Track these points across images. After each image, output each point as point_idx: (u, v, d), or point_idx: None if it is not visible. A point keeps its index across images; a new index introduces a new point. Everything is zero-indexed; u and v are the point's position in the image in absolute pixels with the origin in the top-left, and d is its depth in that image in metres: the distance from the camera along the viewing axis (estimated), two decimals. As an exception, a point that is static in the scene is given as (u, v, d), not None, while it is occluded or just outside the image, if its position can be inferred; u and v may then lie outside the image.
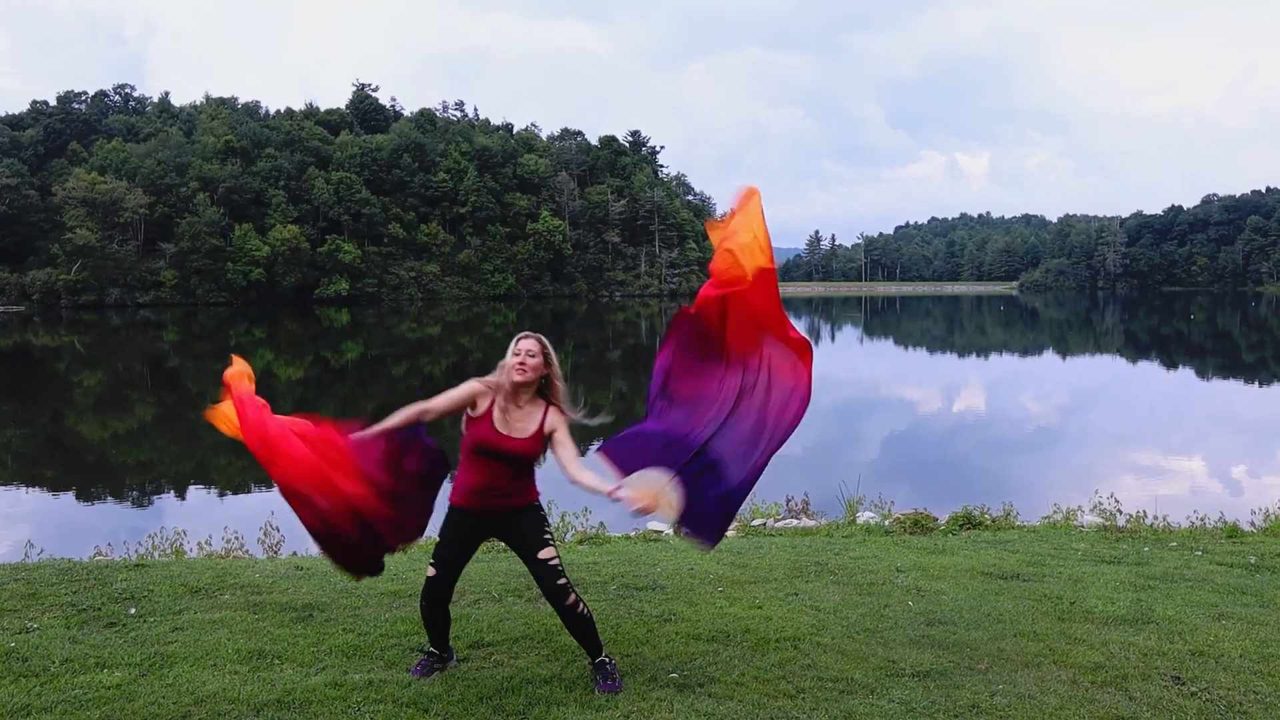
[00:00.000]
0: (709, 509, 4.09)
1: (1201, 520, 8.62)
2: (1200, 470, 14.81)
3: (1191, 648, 4.71)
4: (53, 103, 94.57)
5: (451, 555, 4.21)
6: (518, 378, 4.07)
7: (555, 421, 4.17)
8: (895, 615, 5.24)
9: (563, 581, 4.12)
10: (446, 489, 4.35)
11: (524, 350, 4.09)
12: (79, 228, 73.84)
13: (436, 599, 4.22)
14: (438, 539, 4.25)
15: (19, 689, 4.07)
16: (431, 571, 4.20)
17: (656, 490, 4.01)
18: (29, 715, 3.82)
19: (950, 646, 4.73)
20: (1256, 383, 28.83)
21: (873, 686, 4.20)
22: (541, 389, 4.19)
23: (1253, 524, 8.56)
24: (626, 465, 4.10)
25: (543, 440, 4.14)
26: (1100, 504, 9.02)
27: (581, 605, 4.16)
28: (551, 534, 4.23)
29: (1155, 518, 8.68)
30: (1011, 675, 4.35)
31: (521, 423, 4.11)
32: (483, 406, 4.11)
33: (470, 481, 4.14)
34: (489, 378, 4.17)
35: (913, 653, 4.63)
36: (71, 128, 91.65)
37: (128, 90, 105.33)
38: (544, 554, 4.12)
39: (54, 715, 3.82)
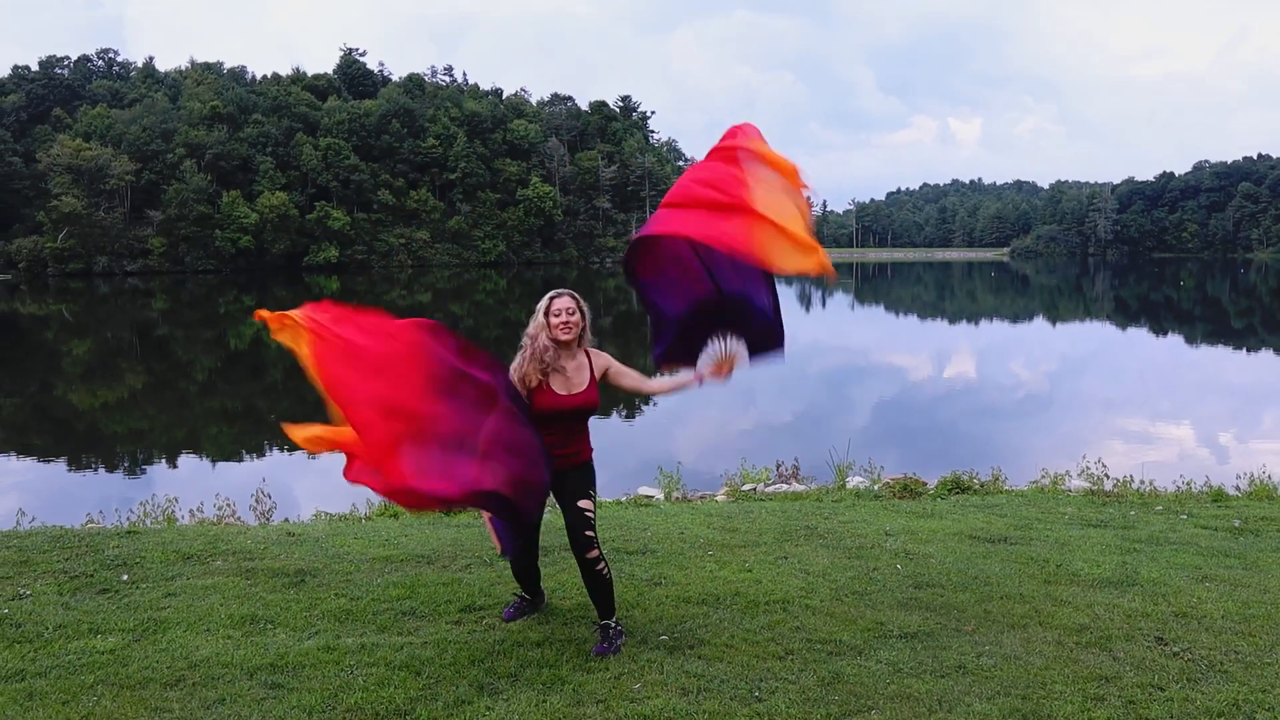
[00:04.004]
0: (761, 321, 4.29)
1: (1187, 485, 8.69)
2: (1187, 436, 14.92)
3: (1175, 609, 4.77)
4: (35, 68, 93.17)
5: None
6: (564, 336, 4.28)
7: (602, 362, 4.44)
8: (884, 578, 5.29)
9: (590, 533, 4.24)
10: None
11: (564, 310, 4.31)
12: (65, 195, 73.02)
13: (522, 561, 4.52)
14: None
15: (13, 655, 4.09)
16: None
17: (720, 355, 4.32)
18: (23, 680, 3.84)
19: (938, 609, 4.78)
20: (1245, 349, 28.98)
21: (861, 648, 4.25)
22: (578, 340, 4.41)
23: (1238, 488, 8.63)
24: (688, 356, 4.38)
25: (598, 388, 4.39)
26: (1088, 469, 9.08)
27: (603, 565, 4.27)
28: (595, 493, 4.39)
29: (1142, 482, 8.75)
30: (998, 636, 4.40)
31: (576, 376, 4.33)
32: (535, 380, 4.25)
33: None
34: (526, 354, 4.23)
35: (900, 615, 4.68)
36: (55, 93, 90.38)
37: (111, 55, 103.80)
38: (583, 503, 4.28)
39: (48, 680, 3.84)
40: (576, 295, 4.38)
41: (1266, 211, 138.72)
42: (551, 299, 4.35)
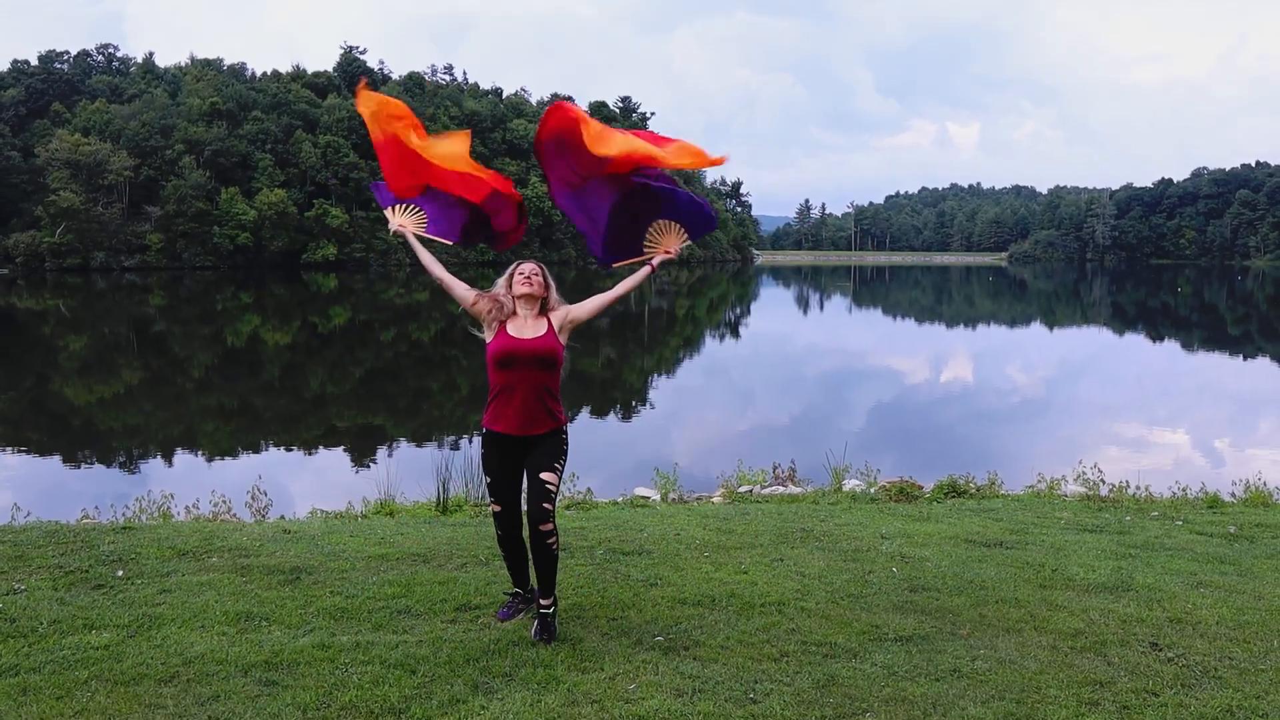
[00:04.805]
0: (688, 204, 4.63)
1: (1183, 490, 8.71)
2: (1183, 442, 14.94)
3: (1170, 615, 4.78)
4: (34, 62, 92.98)
5: (503, 482, 4.46)
6: (523, 289, 4.43)
7: (560, 314, 4.52)
8: (879, 581, 5.30)
9: (548, 506, 4.28)
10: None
11: (528, 270, 4.48)
12: (63, 190, 72.77)
13: (507, 532, 4.53)
14: (486, 478, 4.51)
15: (7, 650, 4.09)
16: (496, 508, 4.48)
17: (660, 236, 4.63)
18: (17, 675, 3.84)
19: (933, 612, 4.79)
20: (1241, 356, 29.01)
21: (856, 650, 4.26)
22: (541, 307, 4.51)
23: (1233, 495, 8.64)
24: (631, 249, 4.69)
25: (557, 338, 4.43)
26: (1084, 474, 9.08)
27: (554, 541, 4.32)
28: (562, 466, 4.43)
29: (1138, 488, 8.75)
30: (993, 640, 4.41)
31: (531, 329, 4.42)
32: (493, 330, 4.43)
33: (502, 402, 4.39)
34: (490, 292, 4.51)
35: (896, 618, 4.69)
36: (54, 88, 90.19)
37: (111, 50, 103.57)
38: (545, 475, 4.33)
39: (42, 675, 3.83)
40: (542, 265, 4.54)
41: (1264, 219, 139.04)
42: (517, 264, 4.54)
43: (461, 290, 4.60)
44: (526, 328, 4.42)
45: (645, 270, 4.62)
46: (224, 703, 3.64)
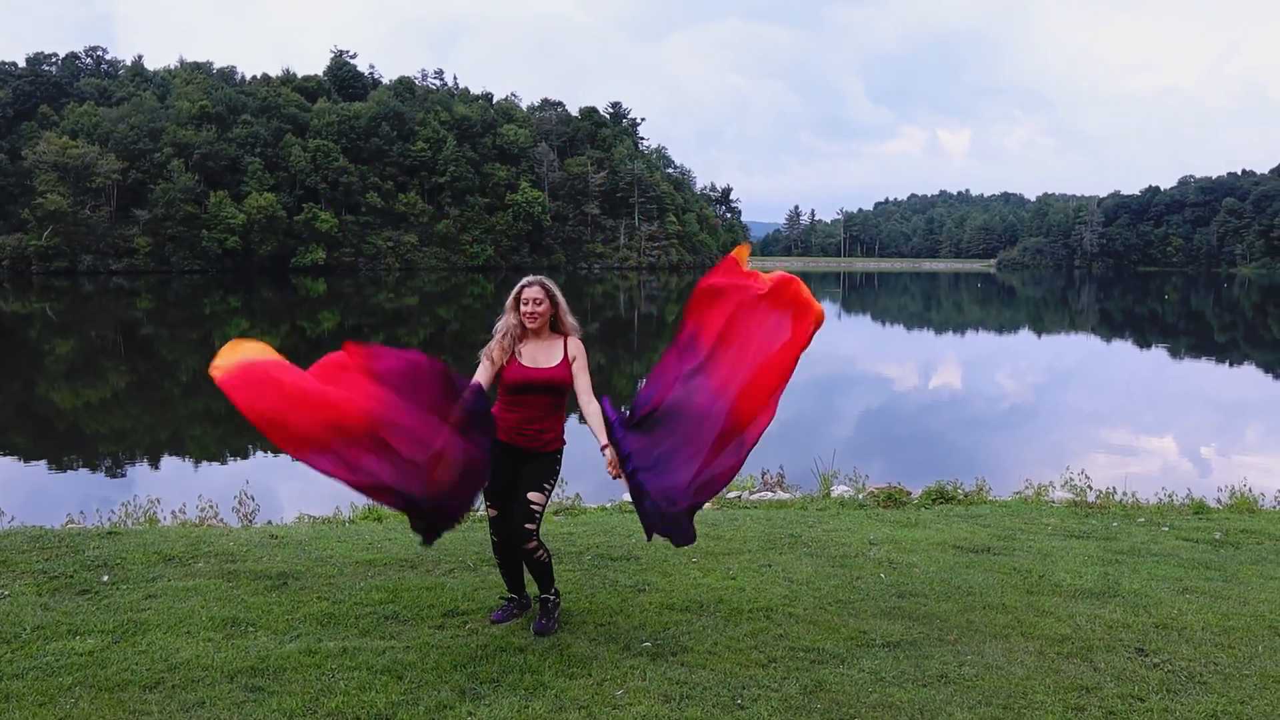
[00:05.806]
0: (650, 503, 4.23)
1: (1169, 497, 8.74)
2: (1170, 448, 15.02)
3: (1156, 620, 4.80)
4: (22, 64, 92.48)
5: (500, 485, 4.46)
6: (531, 325, 4.45)
7: (576, 349, 4.55)
8: (867, 587, 5.30)
9: (531, 526, 4.34)
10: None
11: (530, 300, 4.45)
12: (50, 193, 72.39)
13: (502, 539, 4.56)
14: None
15: (-10, 655, 4.05)
16: (492, 512, 4.52)
17: (617, 458, 4.31)
18: (0, 682, 3.81)
19: (920, 618, 4.80)
20: (1227, 363, 29.19)
21: (843, 656, 4.26)
22: (553, 323, 4.54)
23: (1219, 501, 8.68)
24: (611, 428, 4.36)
25: (569, 367, 4.49)
26: (1071, 480, 9.12)
27: (541, 552, 4.42)
28: (551, 486, 4.48)
29: (1124, 494, 8.79)
30: (980, 646, 4.42)
31: (545, 354, 4.49)
32: (508, 357, 4.45)
33: (508, 418, 4.45)
34: (496, 336, 4.46)
35: (883, 624, 4.69)
36: (41, 90, 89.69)
37: (99, 53, 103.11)
38: (532, 495, 4.38)
39: (25, 682, 3.81)
40: (547, 283, 4.51)
41: (1250, 227, 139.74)
42: (522, 288, 4.51)
43: (489, 371, 4.41)
44: (540, 353, 4.47)
45: (600, 439, 4.30)
46: (209, 709, 3.62)
